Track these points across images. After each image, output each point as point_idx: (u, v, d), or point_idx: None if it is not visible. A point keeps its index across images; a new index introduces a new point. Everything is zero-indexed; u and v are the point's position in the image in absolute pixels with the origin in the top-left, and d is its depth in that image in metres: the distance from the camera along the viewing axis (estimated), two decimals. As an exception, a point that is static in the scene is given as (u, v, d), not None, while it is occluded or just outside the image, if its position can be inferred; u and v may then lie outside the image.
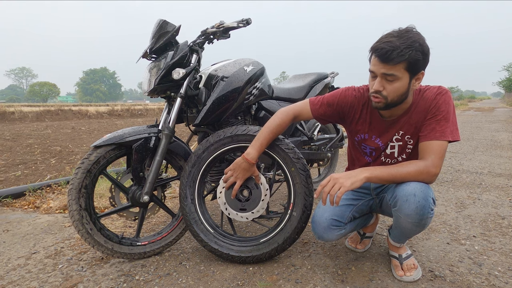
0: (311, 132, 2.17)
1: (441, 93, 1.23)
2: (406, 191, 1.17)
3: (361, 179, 1.16)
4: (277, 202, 2.39)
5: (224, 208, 1.47)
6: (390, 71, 1.11)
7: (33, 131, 6.93)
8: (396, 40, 1.08)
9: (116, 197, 1.51)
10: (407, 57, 1.07)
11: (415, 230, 1.26)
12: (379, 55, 1.10)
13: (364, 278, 1.36)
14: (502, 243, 1.67)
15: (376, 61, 1.13)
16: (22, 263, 1.53)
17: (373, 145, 1.38)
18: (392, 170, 1.20)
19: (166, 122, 1.50)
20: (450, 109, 1.22)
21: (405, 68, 1.10)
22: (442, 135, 1.19)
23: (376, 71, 1.14)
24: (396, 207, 1.23)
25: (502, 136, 5.91)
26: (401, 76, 1.12)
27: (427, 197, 1.16)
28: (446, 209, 2.19)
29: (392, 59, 1.07)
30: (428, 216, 1.18)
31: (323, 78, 2.27)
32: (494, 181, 2.87)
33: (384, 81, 1.15)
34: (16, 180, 3.02)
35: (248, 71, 1.64)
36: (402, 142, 1.32)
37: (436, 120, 1.21)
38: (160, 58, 1.51)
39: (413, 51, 1.07)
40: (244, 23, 1.56)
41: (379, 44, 1.10)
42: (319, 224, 1.35)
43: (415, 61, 1.09)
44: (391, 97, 1.17)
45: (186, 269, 1.46)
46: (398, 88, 1.14)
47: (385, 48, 1.08)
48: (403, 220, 1.23)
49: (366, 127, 1.38)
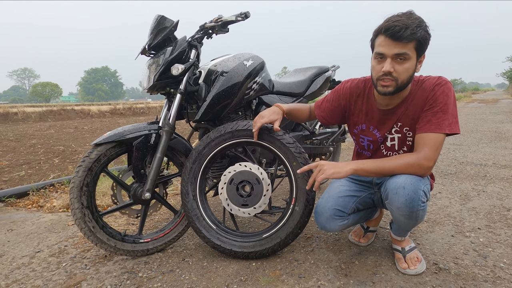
0: (312, 127, 2.16)
1: (440, 84, 1.20)
2: (396, 184, 1.17)
3: (346, 171, 1.19)
4: (279, 197, 2.39)
5: (226, 204, 1.46)
6: (403, 50, 1.10)
7: (36, 131, 6.97)
8: (406, 19, 1.08)
9: (118, 195, 1.51)
10: (419, 35, 1.08)
11: (409, 223, 1.25)
12: (391, 34, 1.08)
13: (367, 272, 1.36)
14: (507, 235, 1.65)
15: (387, 41, 1.11)
16: (27, 262, 1.54)
17: (371, 136, 1.37)
18: (380, 163, 1.20)
19: (166, 119, 1.49)
20: (449, 101, 1.18)
21: (414, 47, 1.11)
22: (438, 127, 1.16)
23: (387, 52, 1.11)
24: (388, 199, 1.22)
25: (506, 127, 5.85)
26: (411, 55, 1.11)
27: (417, 189, 1.14)
28: (450, 201, 2.17)
29: (406, 36, 1.07)
30: (418, 209, 1.17)
31: (324, 72, 2.24)
32: (499, 172, 2.84)
33: (395, 62, 1.13)
34: (20, 180, 3.04)
35: (248, 66, 1.63)
36: (401, 134, 1.31)
37: (432, 112, 1.18)
38: (159, 54, 1.50)
39: (422, 30, 1.09)
40: (243, 16, 1.54)
41: (389, 23, 1.09)
42: (322, 214, 1.34)
43: (424, 40, 1.10)
44: (401, 78, 1.14)
45: (189, 265, 1.46)
46: (408, 68, 1.13)
47: (398, 25, 1.07)
48: (395, 213, 1.23)
49: (363, 118, 1.37)
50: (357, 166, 1.20)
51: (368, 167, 1.20)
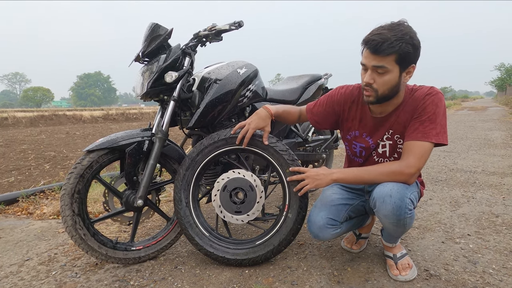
0: (305, 134, 2.18)
1: (431, 94, 1.22)
2: (382, 192, 1.19)
3: (327, 182, 1.24)
4: (272, 204, 2.39)
5: (219, 211, 1.46)
6: (380, 63, 1.11)
7: (27, 136, 6.87)
8: (387, 32, 1.09)
9: (110, 202, 1.50)
10: (397, 49, 1.08)
11: (397, 230, 1.27)
12: (370, 47, 1.11)
13: (360, 279, 1.36)
14: (496, 241, 1.68)
15: (367, 53, 1.14)
16: (15, 270, 1.51)
17: (364, 143, 1.39)
18: (361, 171, 1.23)
19: (159, 126, 1.49)
20: (438, 111, 1.19)
21: (395, 60, 1.11)
22: (424, 135, 1.17)
23: (367, 63, 1.15)
24: (375, 208, 1.24)
25: (495, 134, 5.96)
26: (391, 68, 1.12)
27: (403, 197, 1.16)
28: (440, 208, 2.20)
29: (383, 50, 1.08)
30: (405, 217, 1.19)
31: (317, 80, 2.27)
32: (488, 179, 2.90)
33: (375, 74, 1.15)
34: (9, 186, 2.99)
35: (242, 74, 1.64)
36: (392, 141, 1.33)
37: (420, 121, 1.20)
38: (152, 62, 1.51)
39: (403, 43, 1.08)
40: (236, 25, 1.56)
41: (370, 36, 1.12)
42: (315, 223, 1.35)
43: (405, 54, 1.10)
44: (381, 90, 1.17)
45: (181, 273, 1.45)
46: (388, 81, 1.15)
47: (376, 40, 1.09)
48: (383, 220, 1.25)
49: (357, 124, 1.39)
50: (337, 176, 1.24)
51: (349, 177, 1.23)
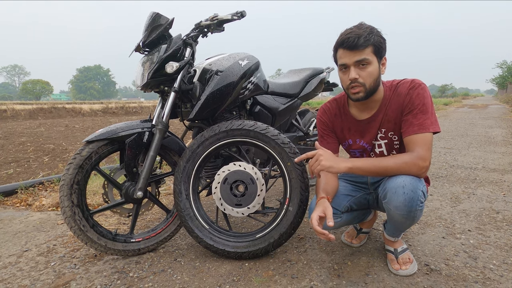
0: (306, 128, 2.16)
1: (414, 87, 1.23)
2: (395, 183, 1.18)
3: (340, 168, 1.20)
4: (273, 197, 2.38)
5: (220, 204, 1.45)
6: (361, 56, 1.17)
7: (26, 129, 6.83)
8: (357, 30, 1.17)
9: (109, 193, 1.49)
10: (372, 41, 1.16)
11: (406, 223, 1.26)
12: (347, 46, 1.17)
13: (360, 273, 1.36)
14: (496, 237, 1.68)
15: (345, 53, 1.19)
16: (14, 261, 1.50)
17: (360, 148, 1.40)
18: (376, 161, 1.21)
19: (160, 117, 1.47)
20: (426, 101, 1.21)
21: (372, 52, 1.18)
22: (422, 128, 1.19)
23: (348, 61, 1.19)
24: (386, 199, 1.23)
25: (495, 132, 5.95)
26: (371, 59, 1.18)
27: (416, 189, 1.16)
28: (441, 204, 2.20)
29: (361, 44, 1.15)
30: (417, 209, 1.18)
31: (319, 73, 2.25)
32: (488, 176, 2.89)
33: (358, 69, 1.19)
34: (8, 178, 2.97)
35: (243, 65, 1.62)
36: (388, 139, 1.33)
37: (412, 115, 1.21)
38: (153, 52, 1.49)
39: (375, 36, 1.17)
40: (239, 15, 1.53)
41: (343, 37, 1.18)
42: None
43: (379, 44, 1.18)
44: (368, 82, 1.20)
45: (181, 265, 1.44)
46: (371, 72, 1.19)
47: (352, 37, 1.15)
48: (393, 212, 1.23)
49: (347, 133, 1.41)
50: (352, 164, 1.21)
51: (364, 166, 1.20)
